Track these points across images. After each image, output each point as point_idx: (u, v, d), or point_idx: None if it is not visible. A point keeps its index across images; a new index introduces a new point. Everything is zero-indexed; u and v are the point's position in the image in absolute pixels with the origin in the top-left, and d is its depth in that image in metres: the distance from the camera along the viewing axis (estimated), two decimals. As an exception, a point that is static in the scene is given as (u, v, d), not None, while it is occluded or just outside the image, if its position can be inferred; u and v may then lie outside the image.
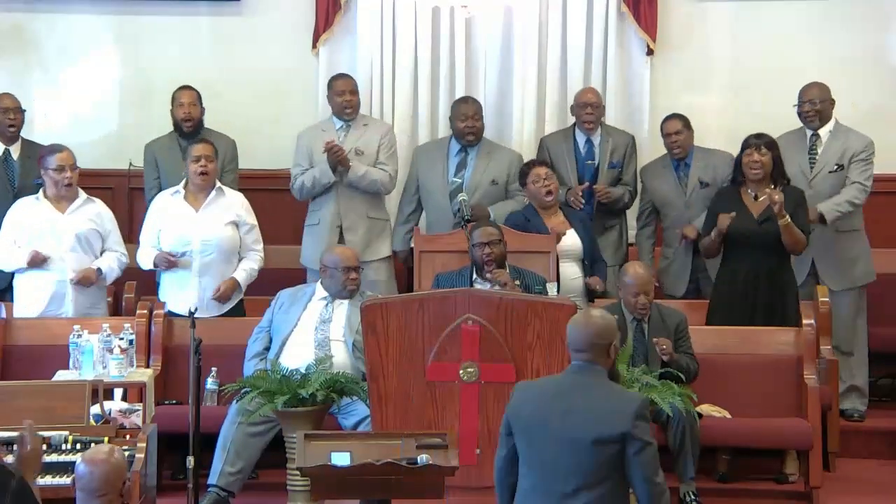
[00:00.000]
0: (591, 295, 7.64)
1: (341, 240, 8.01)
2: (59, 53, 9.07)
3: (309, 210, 8.26)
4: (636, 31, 8.94)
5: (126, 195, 8.49)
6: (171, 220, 7.64)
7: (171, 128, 8.29)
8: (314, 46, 9.00)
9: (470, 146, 8.22)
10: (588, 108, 8.25)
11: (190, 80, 8.38)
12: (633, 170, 8.35)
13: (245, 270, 7.66)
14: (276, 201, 8.51)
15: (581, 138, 8.32)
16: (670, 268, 8.16)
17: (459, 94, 8.86)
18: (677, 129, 8.15)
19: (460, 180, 8.18)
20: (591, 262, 7.68)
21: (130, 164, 8.60)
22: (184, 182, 7.71)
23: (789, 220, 7.37)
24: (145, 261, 7.68)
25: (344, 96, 8.18)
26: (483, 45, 8.97)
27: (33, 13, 9.05)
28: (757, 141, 7.58)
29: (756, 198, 7.54)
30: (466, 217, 7.51)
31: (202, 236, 7.58)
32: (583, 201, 8.03)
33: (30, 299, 7.52)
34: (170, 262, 7.55)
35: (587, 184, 8.13)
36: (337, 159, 7.94)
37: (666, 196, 8.19)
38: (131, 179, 8.65)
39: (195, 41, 9.09)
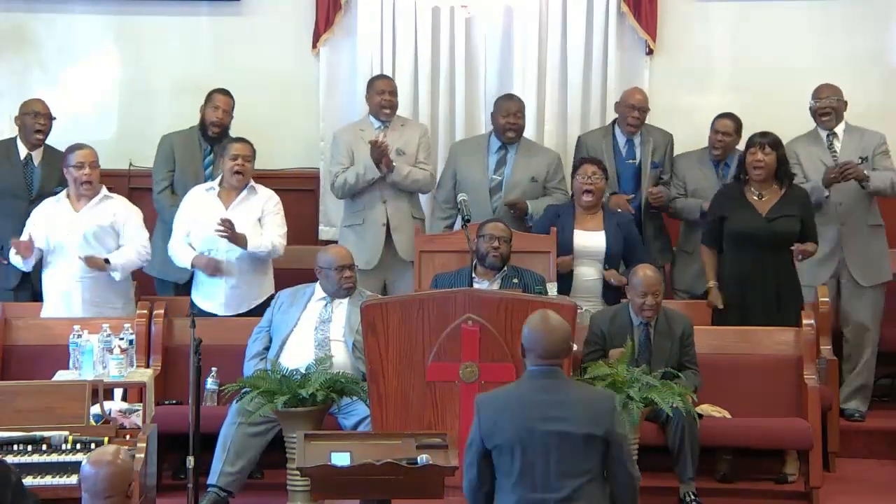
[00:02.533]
0: (609, 292, 7.61)
1: (389, 239, 8.06)
2: (59, 53, 9.08)
3: (349, 210, 8.25)
4: (636, 31, 8.94)
5: (126, 195, 8.44)
6: (201, 216, 7.61)
7: (177, 126, 8.30)
8: (314, 46, 9.01)
9: (510, 143, 8.23)
10: (636, 112, 8.22)
11: (189, 81, 8.41)
12: (671, 169, 8.32)
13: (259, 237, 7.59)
14: (277, 201, 8.51)
15: (621, 137, 8.31)
16: (692, 266, 8.05)
17: (459, 93, 8.89)
18: (729, 130, 8.10)
19: (500, 177, 8.20)
20: (627, 264, 7.60)
21: (130, 164, 8.60)
22: (219, 179, 7.71)
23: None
24: (181, 257, 7.62)
25: (384, 95, 8.19)
26: (483, 45, 8.98)
27: (33, 13, 9.05)
28: (762, 140, 7.53)
29: (760, 197, 7.53)
30: (466, 217, 7.51)
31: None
32: (632, 209, 8.03)
33: (48, 298, 7.57)
34: (213, 268, 7.52)
35: (631, 196, 8.10)
36: (381, 156, 7.94)
37: (704, 192, 8.08)
38: (131, 179, 8.65)
39: (195, 41, 9.09)
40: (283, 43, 9.06)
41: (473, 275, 7.25)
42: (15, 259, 7.56)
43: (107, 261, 7.48)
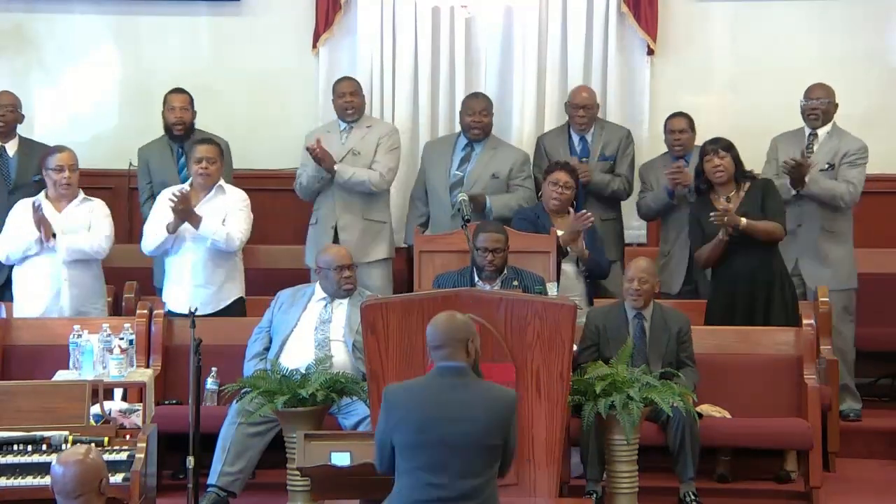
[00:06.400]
0: (590, 288, 7.64)
1: (336, 240, 8.02)
2: (59, 53, 9.09)
3: (312, 210, 8.27)
4: (636, 31, 8.95)
5: (126, 195, 8.49)
6: (171, 215, 7.60)
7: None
8: (314, 46, 9.01)
9: (476, 141, 8.24)
10: (580, 111, 8.29)
11: (189, 81, 8.39)
12: (627, 163, 8.36)
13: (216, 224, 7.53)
14: (277, 201, 8.52)
15: (575, 136, 8.36)
16: (668, 264, 8.15)
17: (459, 93, 8.88)
18: (682, 127, 8.19)
19: (462, 174, 8.21)
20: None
21: (130, 164, 8.60)
22: (190, 181, 7.71)
23: (744, 221, 7.36)
24: (159, 234, 7.53)
25: (344, 98, 8.20)
26: (483, 45, 8.99)
27: (33, 13, 9.06)
28: (713, 146, 7.52)
29: (728, 199, 7.51)
30: (466, 217, 7.51)
31: (194, 233, 7.54)
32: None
33: (28, 297, 7.53)
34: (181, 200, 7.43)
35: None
36: (317, 160, 7.94)
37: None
38: (131, 179, 8.65)
39: (195, 41, 9.11)
40: (283, 43, 9.07)
41: (476, 278, 7.24)
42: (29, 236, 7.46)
43: (54, 235, 7.41)
